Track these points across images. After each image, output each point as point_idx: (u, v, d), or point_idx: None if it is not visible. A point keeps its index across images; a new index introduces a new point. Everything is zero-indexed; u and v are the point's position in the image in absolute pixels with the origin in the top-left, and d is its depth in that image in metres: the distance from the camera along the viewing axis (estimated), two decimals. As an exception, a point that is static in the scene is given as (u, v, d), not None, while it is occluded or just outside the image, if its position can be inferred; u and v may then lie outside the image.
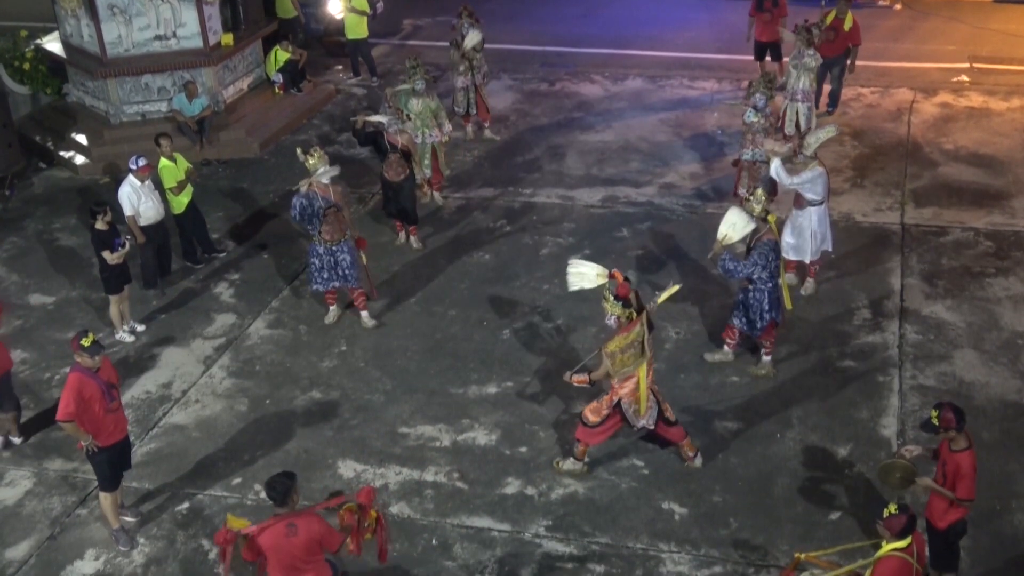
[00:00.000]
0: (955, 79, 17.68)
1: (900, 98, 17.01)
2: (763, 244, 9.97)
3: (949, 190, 14.12)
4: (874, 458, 9.44)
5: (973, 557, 8.38)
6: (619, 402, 9.03)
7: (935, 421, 7.50)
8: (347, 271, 11.34)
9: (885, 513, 6.80)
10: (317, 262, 11.31)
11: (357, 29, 18.20)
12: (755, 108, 12.68)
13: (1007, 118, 16.19)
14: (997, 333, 11.17)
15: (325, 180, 11.05)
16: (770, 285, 10.08)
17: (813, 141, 11.36)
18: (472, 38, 15.16)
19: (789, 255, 11.55)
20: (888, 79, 17.74)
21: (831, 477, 9.38)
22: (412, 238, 13.15)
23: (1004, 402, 10.16)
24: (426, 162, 13.66)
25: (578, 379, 9.09)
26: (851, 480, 9.32)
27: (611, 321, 8.91)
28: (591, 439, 9.28)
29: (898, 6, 21.46)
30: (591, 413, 9.17)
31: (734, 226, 9.90)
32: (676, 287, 9.25)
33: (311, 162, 11.07)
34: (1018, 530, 8.76)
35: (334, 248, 11.23)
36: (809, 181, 11.16)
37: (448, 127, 13.86)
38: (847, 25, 15.80)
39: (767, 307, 10.15)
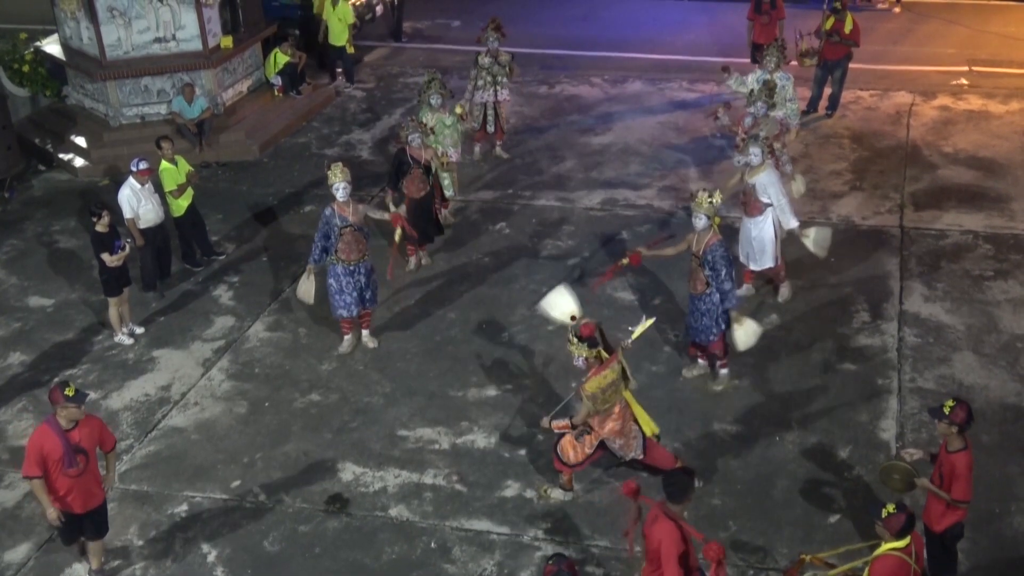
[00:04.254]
0: (954, 82, 17.70)
1: (899, 101, 17.03)
2: (715, 247, 9.82)
3: (948, 193, 14.13)
4: (873, 460, 9.45)
5: (972, 560, 8.38)
6: (602, 441, 8.91)
7: (946, 410, 7.47)
8: (362, 291, 11.09)
9: (883, 513, 6.81)
10: (335, 284, 10.98)
11: (338, 36, 18.19)
12: (753, 116, 12.51)
13: (1006, 121, 16.21)
14: (996, 336, 11.17)
15: (340, 197, 10.80)
16: (727, 285, 9.95)
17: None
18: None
19: (750, 265, 11.57)
20: (887, 82, 17.76)
21: (830, 480, 9.38)
22: (421, 253, 12.90)
23: (1003, 405, 10.16)
24: (446, 182, 13.38)
25: (558, 425, 8.85)
26: (850, 482, 9.32)
27: (579, 363, 8.74)
28: (570, 472, 9.14)
29: (897, 9, 21.49)
30: (572, 451, 8.93)
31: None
32: (650, 321, 9.05)
33: (330, 176, 10.81)
34: (1017, 533, 8.76)
35: (351, 268, 10.97)
36: (769, 187, 11.10)
37: (455, 152, 13.48)
38: (848, 27, 15.85)
39: (723, 311, 10.02)
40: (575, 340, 8.64)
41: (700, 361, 10.69)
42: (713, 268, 9.86)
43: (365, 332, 11.50)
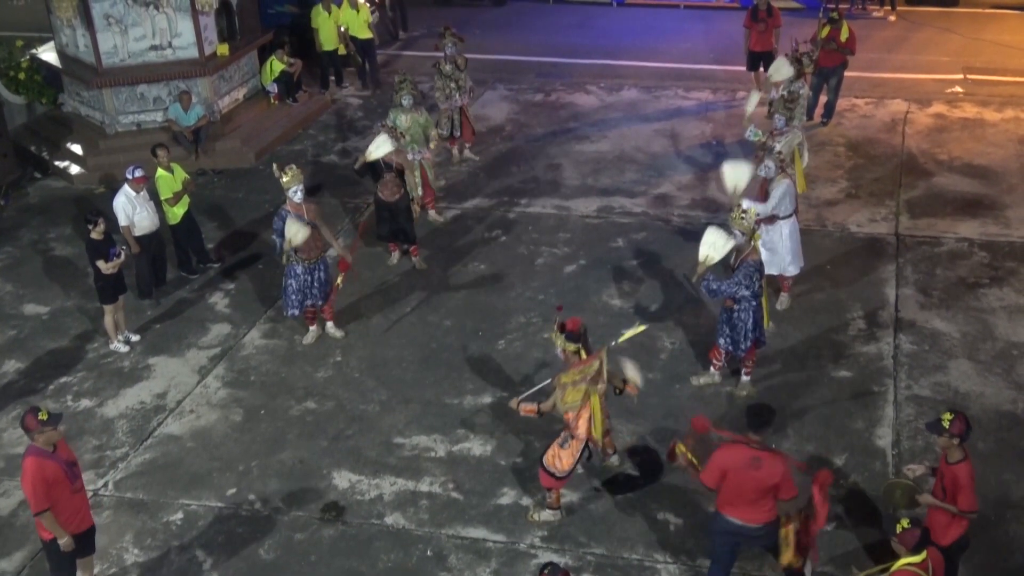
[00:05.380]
0: (949, 90, 17.75)
1: (894, 109, 17.07)
2: (747, 264, 9.86)
3: (943, 200, 14.16)
4: (869, 468, 9.46)
5: (968, 568, 8.35)
6: (587, 444, 8.83)
7: (945, 424, 7.41)
8: (320, 287, 11.34)
9: (898, 528, 6.79)
10: (294, 283, 11.22)
11: (330, 40, 18.25)
12: (775, 129, 12.47)
13: (1001, 129, 16.25)
14: (992, 343, 11.18)
15: (297, 199, 11.01)
16: (754, 304, 10.04)
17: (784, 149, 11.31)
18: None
19: (772, 270, 11.59)
20: (883, 90, 17.81)
21: (826, 487, 9.36)
22: (415, 259, 12.95)
23: (999, 412, 10.17)
24: (417, 180, 13.53)
25: (526, 408, 8.84)
26: (846, 490, 9.30)
27: (558, 353, 8.85)
28: (561, 484, 9.01)
29: (892, 17, 21.57)
30: (558, 462, 8.77)
31: (714, 246, 9.82)
32: (641, 328, 9.22)
33: (285, 180, 11.01)
34: (1013, 540, 8.76)
35: (311, 266, 11.19)
36: (779, 199, 11.14)
37: (433, 137, 13.64)
38: (844, 35, 15.89)
39: (751, 327, 10.10)
40: (557, 331, 8.79)
41: (712, 369, 10.67)
42: (733, 275, 9.90)
43: (330, 324, 11.66)
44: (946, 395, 10.37)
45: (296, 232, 10.87)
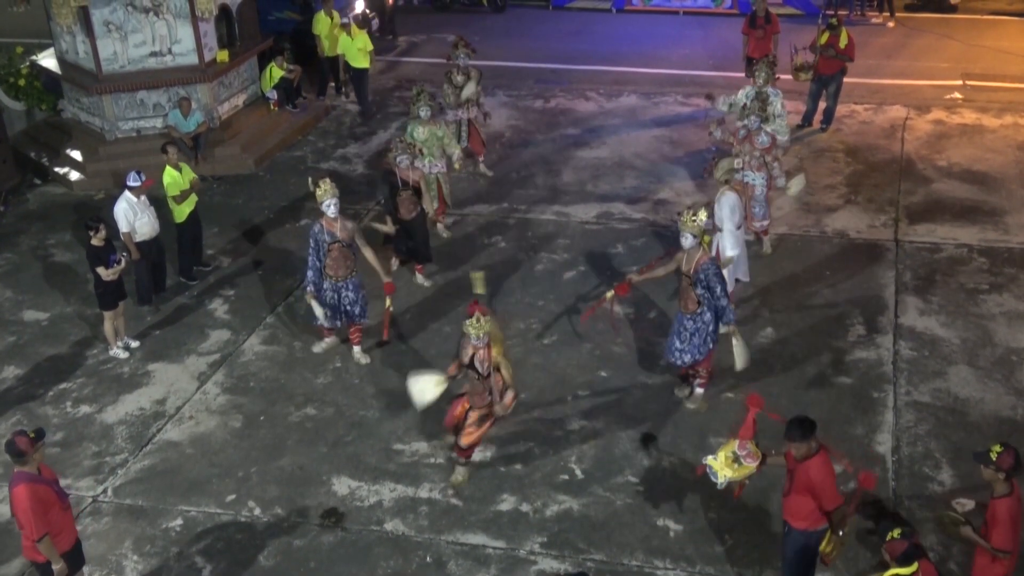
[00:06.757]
0: (948, 96, 17.78)
1: (894, 115, 17.10)
2: (706, 266, 9.71)
3: (943, 206, 14.17)
4: (869, 474, 9.44)
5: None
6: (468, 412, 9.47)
7: (993, 456, 7.17)
8: (350, 307, 11.15)
9: (888, 536, 6.75)
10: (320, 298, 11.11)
11: (332, 46, 18.34)
12: (747, 129, 12.53)
13: (1000, 135, 16.27)
14: (991, 349, 11.18)
15: (331, 213, 10.81)
16: (723, 302, 9.84)
17: (725, 165, 11.45)
18: (468, 89, 14.75)
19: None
20: (882, 96, 17.84)
21: (826, 493, 9.35)
22: (419, 275, 12.84)
23: (999, 418, 10.16)
24: (433, 193, 13.37)
25: (509, 400, 9.35)
26: (845, 495, 9.27)
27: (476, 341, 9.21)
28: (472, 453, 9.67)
29: (891, 23, 21.62)
30: (467, 439, 9.44)
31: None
32: (479, 273, 10.36)
33: (318, 193, 10.79)
34: (1013, 547, 8.75)
35: (339, 285, 11.02)
36: (724, 210, 11.30)
37: (457, 157, 13.53)
38: (842, 42, 15.92)
39: (713, 329, 9.94)
40: (473, 321, 9.11)
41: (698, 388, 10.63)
42: (707, 287, 9.76)
43: (357, 348, 11.47)
44: (946, 401, 10.38)
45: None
